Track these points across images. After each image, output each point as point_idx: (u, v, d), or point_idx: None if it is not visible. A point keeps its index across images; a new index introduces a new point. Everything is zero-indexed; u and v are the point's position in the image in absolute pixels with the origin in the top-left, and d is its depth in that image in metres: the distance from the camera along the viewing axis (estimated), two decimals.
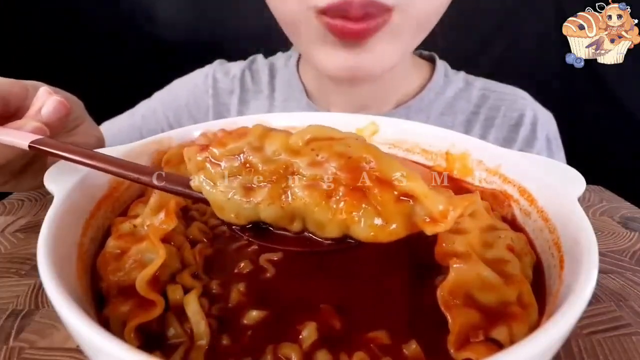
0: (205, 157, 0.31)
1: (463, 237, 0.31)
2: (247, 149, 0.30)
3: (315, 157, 0.28)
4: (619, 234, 0.51)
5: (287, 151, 0.29)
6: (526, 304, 0.27)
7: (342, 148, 0.28)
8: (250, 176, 0.29)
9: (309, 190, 0.27)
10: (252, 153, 0.30)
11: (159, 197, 0.35)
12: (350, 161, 0.27)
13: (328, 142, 0.29)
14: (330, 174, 0.27)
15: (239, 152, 0.30)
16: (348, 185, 0.27)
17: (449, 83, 0.78)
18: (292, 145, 0.29)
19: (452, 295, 0.27)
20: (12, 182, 0.47)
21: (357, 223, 0.27)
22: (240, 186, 0.29)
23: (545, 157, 0.40)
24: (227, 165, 0.30)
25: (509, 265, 0.30)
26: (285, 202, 0.28)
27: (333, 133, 0.29)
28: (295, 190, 0.28)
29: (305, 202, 0.27)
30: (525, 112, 0.75)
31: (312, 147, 0.28)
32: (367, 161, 0.27)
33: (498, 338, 0.25)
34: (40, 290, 0.39)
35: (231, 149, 0.30)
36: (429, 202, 0.26)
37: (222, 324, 0.29)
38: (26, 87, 0.45)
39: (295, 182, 0.28)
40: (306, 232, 0.29)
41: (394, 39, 0.58)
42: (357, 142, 0.28)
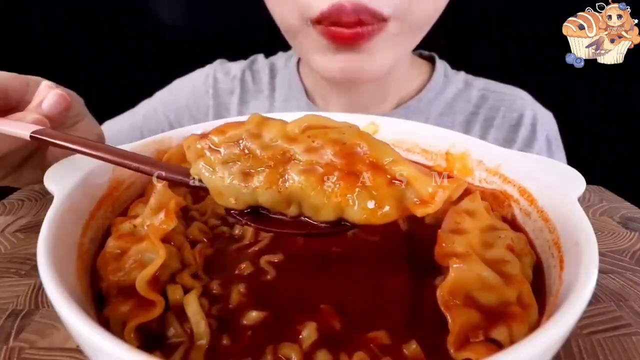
0: (205, 144, 0.32)
1: (463, 237, 0.31)
2: (245, 136, 0.31)
3: (311, 144, 0.29)
4: (619, 234, 0.51)
5: (284, 138, 0.30)
6: (526, 304, 0.27)
7: (337, 135, 0.29)
8: (248, 162, 0.30)
9: (305, 175, 0.28)
10: (251, 140, 0.31)
11: (159, 197, 0.35)
12: (344, 147, 0.29)
13: (323, 130, 0.30)
14: (325, 159, 0.29)
15: (238, 139, 0.31)
16: (342, 169, 0.28)
17: (448, 83, 0.78)
18: (289, 132, 0.30)
19: (451, 296, 0.27)
20: (13, 175, 0.48)
21: (351, 206, 0.28)
22: (239, 172, 0.30)
23: (545, 157, 0.40)
24: (226, 152, 0.31)
25: (509, 266, 0.30)
26: (282, 186, 0.29)
27: (328, 122, 0.30)
28: (292, 175, 0.29)
29: (302, 187, 0.28)
30: (525, 113, 0.75)
31: (308, 135, 0.30)
32: (361, 147, 0.28)
33: (498, 338, 0.25)
34: (40, 290, 0.39)
35: (230, 136, 0.31)
36: (419, 184, 0.27)
37: (222, 324, 0.29)
38: (27, 81, 0.45)
39: (292, 167, 0.29)
40: (302, 216, 0.30)
41: (390, 44, 0.59)
42: (351, 130, 0.30)
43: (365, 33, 0.55)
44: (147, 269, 0.29)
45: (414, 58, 0.79)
